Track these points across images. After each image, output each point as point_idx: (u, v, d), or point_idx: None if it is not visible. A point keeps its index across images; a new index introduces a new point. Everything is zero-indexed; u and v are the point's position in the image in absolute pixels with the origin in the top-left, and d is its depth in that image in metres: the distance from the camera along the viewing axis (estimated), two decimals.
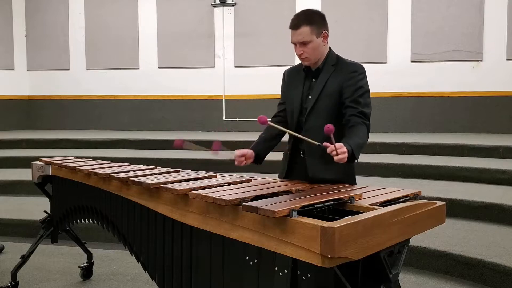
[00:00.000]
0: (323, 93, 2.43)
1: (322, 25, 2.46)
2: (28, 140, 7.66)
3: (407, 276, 3.52)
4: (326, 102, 2.43)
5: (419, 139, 6.65)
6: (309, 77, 2.54)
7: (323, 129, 2.09)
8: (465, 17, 7.61)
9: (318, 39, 2.44)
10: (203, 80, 8.81)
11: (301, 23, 2.40)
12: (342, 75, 2.44)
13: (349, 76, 2.43)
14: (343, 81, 2.42)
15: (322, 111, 2.44)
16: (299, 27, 2.41)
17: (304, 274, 1.64)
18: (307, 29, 2.40)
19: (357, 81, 2.42)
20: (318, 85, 2.47)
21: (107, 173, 2.71)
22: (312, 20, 2.42)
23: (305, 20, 2.41)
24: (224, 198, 1.87)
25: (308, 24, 2.40)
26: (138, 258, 2.58)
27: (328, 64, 2.49)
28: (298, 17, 2.43)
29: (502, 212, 4.20)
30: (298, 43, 2.43)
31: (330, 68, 2.48)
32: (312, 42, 2.41)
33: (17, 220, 4.73)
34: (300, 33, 2.41)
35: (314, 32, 2.41)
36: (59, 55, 9.45)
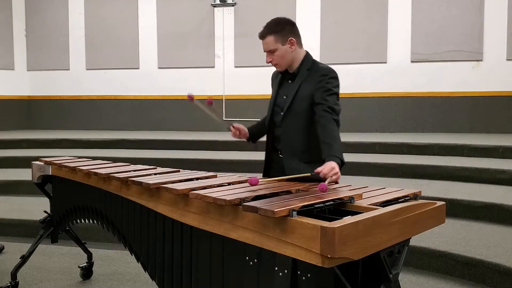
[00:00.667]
0: (298, 95, 2.58)
1: (287, 32, 2.59)
2: (28, 140, 7.66)
3: (407, 276, 3.52)
4: (301, 105, 2.56)
5: (419, 139, 6.65)
6: (286, 79, 2.70)
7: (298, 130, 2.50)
8: (465, 17, 7.61)
9: (284, 46, 2.58)
10: (203, 80, 8.81)
11: (266, 33, 2.57)
12: (315, 79, 2.56)
13: (319, 79, 2.55)
14: (315, 84, 2.55)
15: (297, 113, 2.58)
16: (264, 37, 2.58)
17: (304, 274, 1.64)
18: (271, 38, 2.56)
19: (326, 83, 2.53)
20: (293, 87, 2.62)
21: (107, 173, 2.71)
22: (276, 29, 2.57)
23: (269, 30, 2.57)
24: (224, 198, 1.87)
25: (272, 33, 2.56)
26: (138, 258, 2.59)
27: (304, 68, 2.63)
28: (265, 27, 2.60)
29: (502, 212, 4.20)
30: (267, 51, 2.60)
31: (305, 73, 2.61)
32: (278, 50, 2.57)
33: (17, 220, 4.73)
34: (265, 43, 2.58)
35: (279, 40, 2.56)
36: (59, 55, 9.46)
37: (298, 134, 2.58)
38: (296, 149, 2.60)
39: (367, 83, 8.05)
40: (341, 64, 8.12)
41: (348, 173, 5.81)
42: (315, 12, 8.22)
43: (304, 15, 8.22)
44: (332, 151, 2.33)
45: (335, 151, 2.33)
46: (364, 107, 8.10)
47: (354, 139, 6.84)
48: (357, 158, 6.02)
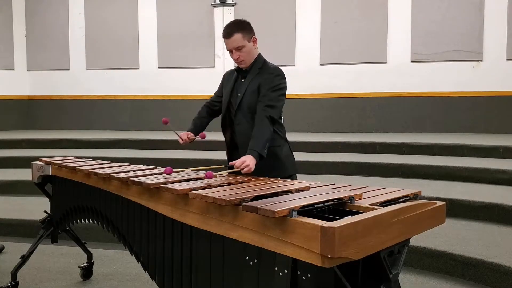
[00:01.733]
0: (247, 91, 2.77)
1: (250, 31, 2.77)
2: (28, 140, 7.66)
3: (407, 276, 3.52)
4: (249, 100, 2.76)
5: (419, 139, 6.65)
6: (240, 77, 2.87)
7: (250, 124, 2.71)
8: (465, 17, 7.62)
9: (249, 44, 2.75)
10: (203, 80, 8.80)
11: (233, 31, 2.71)
12: (263, 76, 2.76)
13: (265, 77, 2.75)
14: (261, 81, 2.75)
15: (246, 108, 2.78)
16: (232, 35, 2.71)
17: (304, 274, 1.64)
18: (239, 35, 2.71)
19: (272, 81, 2.73)
20: (244, 84, 2.81)
21: (107, 173, 2.71)
22: (242, 27, 2.73)
23: (236, 28, 2.72)
24: (224, 198, 1.87)
25: (239, 31, 2.71)
26: (138, 258, 2.58)
27: (255, 67, 2.81)
28: (229, 27, 2.75)
29: (502, 212, 4.19)
30: (234, 49, 2.73)
31: (256, 71, 2.80)
32: (245, 46, 2.73)
33: (17, 220, 4.73)
34: (234, 40, 2.71)
35: (246, 37, 2.73)
36: (59, 55, 9.46)
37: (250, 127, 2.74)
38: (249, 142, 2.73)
39: (367, 83, 8.05)
40: (341, 64, 8.15)
41: (348, 173, 5.84)
42: (315, 12, 8.22)
43: (304, 15, 8.22)
44: (253, 145, 2.59)
45: (255, 146, 2.59)
46: (364, 107, 8.10)
47: (355, 139, 6.84)
48: (357, 158, 6.02)
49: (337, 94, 8.15)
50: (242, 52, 2.73)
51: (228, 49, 2.77)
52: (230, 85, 2.90)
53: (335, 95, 8.14)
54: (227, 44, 2.75)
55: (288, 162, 2.89)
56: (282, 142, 2.87)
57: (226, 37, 2.74)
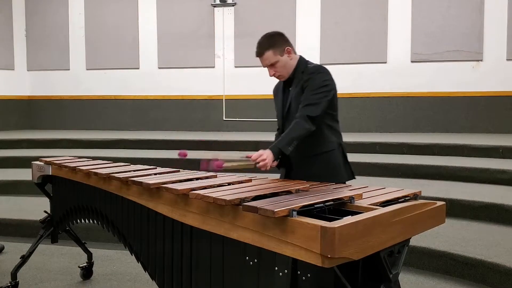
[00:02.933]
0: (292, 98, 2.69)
1: (282, 43, 2.69)
2: (28, 140, 7.66)
3: (407, 276, 3.52)
4: (295, 105, 2.66)
5: (419, 139, 6.65)
6: (287, 87, 2.80)
7: None
8: (465, 17, 7.62)
9: (283, 57, 2.68)
10: (203, 80, 8.81)
11: (264, 50, 2.66)
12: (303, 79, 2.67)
13: (308, 77, 2.66)
14: (304, 82, 2.66)
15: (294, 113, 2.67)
16: (263, 54, 2.67)
17: (304, 274, 1.64)
18: (270, 53, 2.65)
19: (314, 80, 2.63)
20: (292, 92, 2.73)
21: (107, 173, 2.71)
22: (272, 43, 2.67)
23: (266, 45, 2.67)
24: (224, 198, 1.87)
25: (269, 48, 2.65)
26: (138, 258, 2.58)
27: (298, 72, 2.72)
28: (260, 45, 2.69)
29: (502, 212, 4.19)
30: (268, 66, 2.69)
31: (300, 75, 2.71)
32: (278, 61, 2.66)
33: (17, 220, 4.73)
34: (266, 58, 2.67)
35: (277, 52, 2.65)
36: (59, 55, 9.46)
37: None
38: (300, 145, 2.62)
39: (367, 83, 8.05)
40: (341, 64, 8.14)
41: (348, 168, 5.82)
42: (315, 12, 8.22)
43: (304, 15, 8.23)
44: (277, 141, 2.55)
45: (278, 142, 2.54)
46: (364, 107, 8.10)
47: (354, 139, 6.84)
48: (357, 158, 6.01)
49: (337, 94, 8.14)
50: (276, 68, 2.68)
51: (263, 66, 2.73)
52: (280, 97, 2.83)
53: None
54: (261, 62, 2.71)
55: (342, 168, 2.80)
56: (335, 146, 2.76)
57: (257, 56, 2.70)
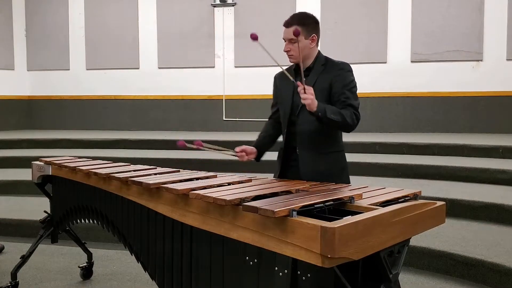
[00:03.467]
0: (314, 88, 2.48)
1: (312, 28, 2.62)
2: (28, 140, 7.66)
3: (407, 276, 3.52)
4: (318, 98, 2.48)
5: (419, 139, 6.65)
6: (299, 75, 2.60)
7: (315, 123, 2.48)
8: (465, 17, 7.62)
9: (306, 41, 2.60)
10: (203, 80, 8.81)
11: (294, 22, 2.57)
12: (332, 72, 2.62)
13: (337, 73, 2.60)
14: (332, 77, 2.60)
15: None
16: (290, 26, 2.57)
17: (304, 274, 1.64)
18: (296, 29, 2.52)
19: (344, 77, 2.60)
20: (309, 81, 2.59)
21: (107, 173, 2.71)
22: (304, 22, 2.60)
23: (297, 20, 2.59)
24: (224, 198, 1.87)
25: (299, 24, 2.56)
26: (138, 258, 2.58)
27: (318, 64, 2.67)
28: (293, 17, 2.62)
29: (502, 212, 4.19)
30: (288, 40, 2.61)
31: (320, 68, 2.65)
32: (300, 41, 2.54)
33: (17, 220, 4.73)
34: (290, 31, 2.55)
35: (303, 33, 2.56)
36: (59, 55, 9.46)
37: (313, 127, 2.57)
38: (313, 141, 2.61)
39: (367, 83, 8.04)
40: None
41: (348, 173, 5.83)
42: (315, 12, 8.19)
43: None
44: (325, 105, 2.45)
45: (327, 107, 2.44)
46: (364, 107, 8.06)
47: (354, 139, 6.84)
48: (357, 158, 6.01)
49: None
50: (293, 46, 2.56)
51: (283, 37, 2.64)
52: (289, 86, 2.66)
53: None
54: (284, 32, 2.62)
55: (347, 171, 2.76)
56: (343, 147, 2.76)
57: (285, 26, 2.62)
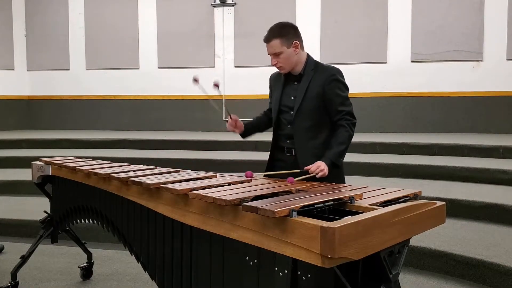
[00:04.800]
0: (307, 95, 2.69)
1: (292, 36, 2.70)
2: (28, 140, 7.66)
3: (407, 276, 3.52)
4: (310, 104, 2.68)
5: (419, 139, 6.65)
6: (290, 80, 2.80)
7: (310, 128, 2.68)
8: (465, 17, 7.62)
9: (289, 49, 2.68)
10: (203, 80, 8.78)
11: (272, 37, 2.66)
12: (323, 77, 2.70)
13: (329, 79, 2.69)
14: (324, 83, 2.68)
15: (307, 112, 2.70)
16: (270, 40, 2.67)
17: (304, 274, 1.64)
18: (277, 41, 2.65)
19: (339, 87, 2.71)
20: (301, 88, 2.72)
21: (107, 173, 2.71)
22: (282, 33, 2.67)
23: (274, 33, 2.67)
24: (224, 198, 1.87)
25: (277, 37, 2.65)
26: (138, 258, 2.58)
27: (308, 69, 2.74)
28: (270, 31, 2.69)
29: (502, 212, 4.19)
30: (272, 55, 2.69)
31: (310, 73, 2.73)
32: (283, 52, 2.66)
33: (17, 220, 4.73)
34: (271, 46, 2.67)
35: (284, 43, 2.66)
36: (59, 55, 9.46)
37: (309, 132, 2.71)
38: (309, 146, 2.71)
39: (367, 83, 8.05)
40: (341, 64, 8.05)
41: (348, 173, 5.80)
42: (315, 12, 8.22)
43: (304, 15, 8.22)
44: (328, 154, 2.60)
45: (330, 154, 2.60)
46: (364, 107, 8.08)
47: (354, 139, 6.77)
48: (357, 158, 6.02)
49: None
50: (279, 58, 2.67)
51: (268, 53, 2.73)
52: (280, 87, 2.82)
53: None
54: (266, 48, 2.71)
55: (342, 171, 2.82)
56: None
57: (265, 42, 2.70)
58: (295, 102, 2.72)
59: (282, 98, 2.79)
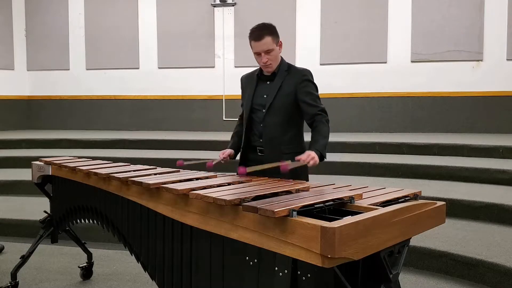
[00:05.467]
0: (280, 93, 2.76)
1: (277, 35, 2.76)
2: (28, 140, 7.66)
3: (407, 276, 3.52)
4: (282, 101, 2.76)
5: (419, 139, 6.65)
6: (263, 80, 2.86)
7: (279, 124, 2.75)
8: (465, 17, 7.62)
9: (277, 48, 2.75)
10: (203, 80, 8.81)
11: (264, 34, 2.69)
12: (295, 78, 2.78)
13: (301, 79, 2.77)
14: (297, 83, 2.76)
15: (278, 109, 2.77)
16: (263, 37, 2.68)
17: (304, 274, 1.64)
18: (269, 38, 2.69)
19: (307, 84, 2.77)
20: (274, 86, 2.79)
21: (107, 173, 2.71)
22: (272, 31, 2.72)
23: (266, 30, 2.70)
24: (224, 198, 1.87)
25: (269, 34, 2.70)
26: (138, 258, 2.59)
27: (282, 69, 2.81)
28: (260, 29, 2.72)
29: (502, 212, 4.20)
30: (263, 52, 2.71)
31: (284, 73, 2.80)
32: (274, 50, 2.72)
33: (17, 220, 4.74)
34: (265, 43, 2.69)
35: (274, 41, 2.72)
36: (59, 55, 9.46)
37: (278, 128, 2.77)
38: (277, 142, 2.78)
39: (367, 83, 8.05)
40: (341, 64, 8.15)
41: (348, 173, 5.84)
42: (315, 12, 8.22)
43: (304, 15, 8.23)
44: (315, 145, 2.62)
45: (317, 146, 2.62)
46: (364, 107, 8.10)
47: (354, 139, 6.84)
48: (357, 158, 6.02)
49: (337, 94, 8.14)
50: (270, 56, 2.71)
51: (256, 51, 2.72)
52: (252, 87, 2.88)
53: (335, 95, 8.14)
54: (255, 46, 2.70)
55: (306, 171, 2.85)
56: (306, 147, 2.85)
57: (256, 40, 2.69)
58: (267, 100, 2.79)
59: (254, 97, 2.85)
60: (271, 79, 2.81)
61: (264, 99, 2.81)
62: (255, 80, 2.88)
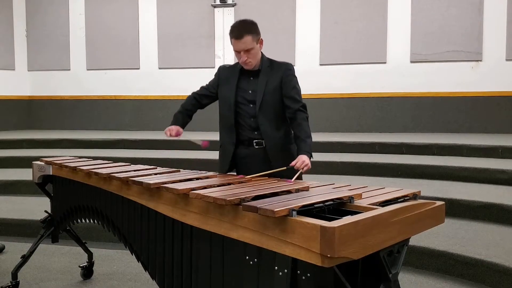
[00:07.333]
0: (267, 89, 2.79)
1: (258, 33, 2.77)
2: (29, 140, 7.66)
3: (406, 276, 3.53)
4: (272, 97, 2.79)
5: (419, 139, 6.66)
6: (246, 76, 2.86)
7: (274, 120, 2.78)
8: (465, 17, 7.62)
9: (257, 46, 2.76)
10: (203, 80, 8.77)
11: (244, 33, 2.69)
12: (280, 72, 2.81)
13: (287, 73, 2.82)
14: (282, 77, 2.80)
15: (270, 105, 2.80)
16: (242, 37, 2.69)
17: (304, 273, 1.65)
18: (249, 37, 2.69)
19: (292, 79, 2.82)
20: (260, 82, 2.81)
21: (107, 173, 2.72)
22: (252, 29, 2.72)
23: (246, 29, 2.70)
24: (224, 198, 1.88)
25: (249, 33, 2.70)
26: (138, 258, 2.59)
27: (265, 65, 2.84)
28: (240, 28, 2.72)
29: (502, 212, 4.20)
30: (243, 51, 2.72)
31: (267, 69, 2.83)
32: (254, 48, 2.73)
33: (17, 220, 4.74)
34: (244, 42, 2.69)
35: (254, 39, 2.73)
36: (59, 55, 9.46)
37: (273, 123, 2.81)
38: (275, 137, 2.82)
39: (367, 83, 8.06)
40: (341, 64, 8.16)
41: (348, 173, 5.85)
42: (315, 12, 8.23)
43: (304, 15, 8.23)
44: (305, 147, 2.66)
45: (307, 147, 2.66)
46: (364, 107, 8.11)
47: (354, 139, 6.85)
48: (357, 158, 6.03)
49: (337, 94, 8.16)
50: (250, 54, 2.72)
51: (236, 49, 2.74)
52: (233, 82, 2.86)
53: (335, 95, 8.15)
54: (235, 44, 2.71)
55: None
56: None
57: (236, 38, 2.69)
58: (257, 96, 2.80)
59: (238, 91, 2.84)
60: (255, 76, 2.83)
61: (251, 95, 2.82)
62: (237, 74, 2.87)
